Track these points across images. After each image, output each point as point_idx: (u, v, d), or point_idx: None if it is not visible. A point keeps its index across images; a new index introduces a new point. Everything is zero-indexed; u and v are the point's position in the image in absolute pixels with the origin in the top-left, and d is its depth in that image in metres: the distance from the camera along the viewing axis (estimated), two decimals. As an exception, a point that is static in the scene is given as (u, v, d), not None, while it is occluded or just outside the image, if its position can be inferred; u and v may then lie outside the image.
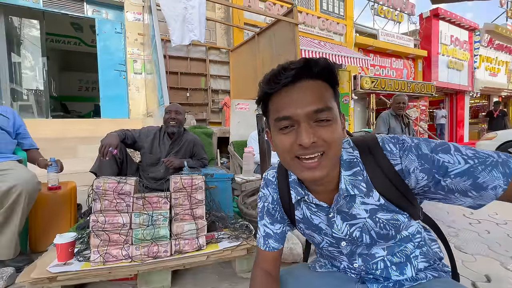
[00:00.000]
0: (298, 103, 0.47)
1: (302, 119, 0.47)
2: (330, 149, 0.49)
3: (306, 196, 0.59)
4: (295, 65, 0.47)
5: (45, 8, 4.68)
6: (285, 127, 0.50)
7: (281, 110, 0.49)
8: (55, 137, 3.82)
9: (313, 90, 0.48)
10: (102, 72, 5.07)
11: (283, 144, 0.50)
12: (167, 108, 1.96)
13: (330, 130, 0.48)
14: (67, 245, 1.11)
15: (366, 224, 0.56)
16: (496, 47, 12.29)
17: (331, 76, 0.49)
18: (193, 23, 3.09)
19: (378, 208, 0.54)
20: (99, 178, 1.15)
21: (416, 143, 0.50)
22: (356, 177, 0.54)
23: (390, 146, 0.53)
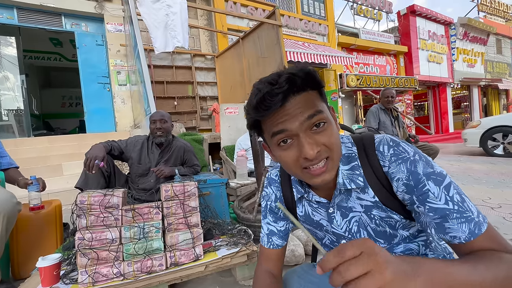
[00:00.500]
0: (290, 117, 0.48)
1: (299, 131, 0.48)
2: (333, 152, 0.49)
3: (306, 194, 0.60)
4: (280, 88, 0.46)
5: (21, 23, 4.53)
6: (283, 141, 0.50)
7: (275, 127, 0.49)
8: (38, 156, 3.66)
9: (301, 101, 0.48)
10: (85, 86, 4.93)
11: (287, 159, 0.50)
12: (152, 117, 1.88)
13: (328, 134, 0.49)
14: (51, 268, 1.02)
15: (362, 219, 0.57)
16: (471, 39, 12.82)
17: (314, 82, 0.50)
18: (175, 29, 3.04)
19: (373, 205, 0.55)
20: (83, 192, 1.07)
21: (415, 159, 0.49)
22: (353, 171, 0.55)
23: (384, 148, 0.53)
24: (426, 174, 0.48)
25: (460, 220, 0.45)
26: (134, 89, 4.76)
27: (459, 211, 0.45)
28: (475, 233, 0.44)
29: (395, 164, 0.51)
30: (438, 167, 0.49)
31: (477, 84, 13.27)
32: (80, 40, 4.92)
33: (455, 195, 0.46)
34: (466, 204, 0.45)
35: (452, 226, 0.45)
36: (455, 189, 0.47)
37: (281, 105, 0.47)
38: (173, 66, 5.68)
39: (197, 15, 6.05)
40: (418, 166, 0.48)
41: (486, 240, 0.44)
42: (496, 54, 14.90)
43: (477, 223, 0.44)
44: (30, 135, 5.00)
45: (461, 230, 0.44)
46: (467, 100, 13.90)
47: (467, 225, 0.44)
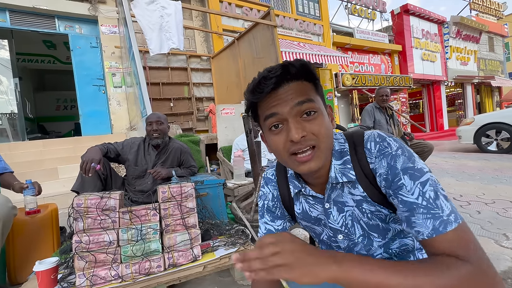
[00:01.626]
0: (282, 102, 0.50)
1: (288, 116, 0.50)
2: (320, 141, 0.51)
3: (303, 188, 0.62)
4: (274, 72, 0.50)
5: (14, 26, 4.48)
6: (274, 127, 0.52)
7: (267, 110, 0.52)
8: (33, 160, 3.63)
9: (294, 88, 0.51)
10: (80, 89, 4.89)
11: (276, 144, 0.53)
12: (148, 119, 1.87)
13: (317, 123, 0.51)
14: (48, 272, 1.02)
15: (354, 213, 0.58)
16: (464, 38, 12.98)
17: (308, 73, 0.52)
18: (170, 31, 3.04)
19: (363, 199, 0.56)
20: (79, 195, 1.07)
21: (396, 154, 0.50)
22: (345, 165, 0.56)
23: (371, 144, 0.54)
24: (404, 168, 0.48)
25: (426, 216, 0.45)
26: (129, 91, 4.73)
27: (427, 207, 0.45)
28: (439, 231, 0.43)
29: (378, 159, 0.52)
30: (421, 163, 0.49)
31: (470, 81, 13.44)
32: (74, 43, 4.89)
33: (429, 192, 0.46)
34: (438, 202, 0.45)
35: (417, 221, 0.45)
36: (432, 186, 0.46)
37: (274, 88, 0.50)
38: (168, 68, 5.67)
39: (192, 16, 6.05)
40: (398, 160, 0.49)
41: (450, 241, 0.43)
42: (488, 52, 15.11)
43: (444, 222, 0.44)
44: (24, 139, 4.94)
45: (425, 226, 0.45)
46: (461, 98, 14.06)
47: (432, 222, 0.44)
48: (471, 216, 2.00)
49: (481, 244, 1.37)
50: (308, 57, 6.64)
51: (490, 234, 1.67)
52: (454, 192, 2.67)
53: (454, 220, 0.44)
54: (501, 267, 1.32)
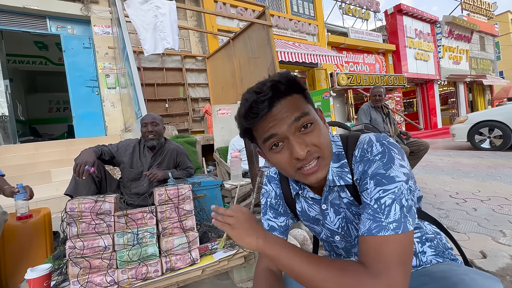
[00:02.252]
0: (278, 121, 0.50)
1: (288, 133, 0.50)
2: (323, 151, 0.52)
3: (301, 190, 0.63)
4: (264, 95, 0.49)
5: (3, 26, 4.38)
6: (275, 145, 0.52)
7: (265, 133, 0.52)
8: (25, 163, 3.55)
9: (287, 105, 0.51)
10: (73, 90, 4.81)
11: (280, 162, 0.53)
12: (143, 120, 1.84)
13: (316, 134, 0.51)
14: (41, 279, 0.98)
15: (347, 215, 0.59)
16: (456, 37, 13.17)
17: (296, 86, 0.52)
18: (165, 30, 3.00)
19: (351, 202, 0.57)
20: (73, 198, 1.04)
21: (374, 159, 0.51)
22: (343, 168, 0.56)
23: (358, 152, 0.55)
24: (373, 173, 0.49)
25: (369, 217, 0.47)
26: (124, 92, 4.67)
27: (375, 210, 0.47)
28: (371, 232, 0.46)
29: (357, 165, 0.54)
30: (398, 172, 0.48)
31: (462, 80, 13.64)
32: (66, 43, 4.80)
33: (386, 199, 0.47)
34: (387, 210, 0.46)
35: (362, 219, 0.49)
36: (394, 195, 0.46)
37: (268, 111, 0.50)
38: (163, 68, 5.61)
39: (186, 16, 6.00)
40: (372, 165, 0.50)
41: (376, 245, 0.45)
42: (480, 51, 15.37)
43: (380, 226, 0.45)
44: (16, 142, 4.83)
45: (364, 224, 0.48)
46: (453, 96, 14.26)
47: (370, 223, 0.47)
48: (467, 213, 2.02)
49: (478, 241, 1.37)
50: (303, 57, 6.65)
51: (487, 231, 1.69)
52: (450, 189, 2.69)
53: (393, 228, 0.45)
54: (499, 264, 1.32)
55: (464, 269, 0.53)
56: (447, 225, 1.83)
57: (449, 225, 1.84)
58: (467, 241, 1.58)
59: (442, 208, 2.19)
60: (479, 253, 1.44)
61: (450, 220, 1.92)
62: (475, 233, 1.68)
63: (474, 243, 1.54)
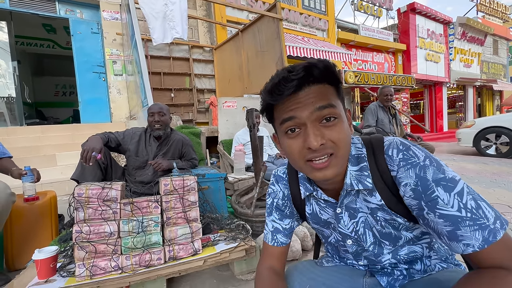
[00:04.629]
0: (301, 105, 0.48)
1: (307, 120, 0.48)
2: (338, 149, 0.49)
3: (315, 192, 0.60)
4: (296, 74, 0.46)
5: (12, 8, 4.37)
6: (291, 130, 0.50)
7: (285, 114, 0.49)
8: (31, 145, 3.59)
9: (315, 92, 0.48)
10: (80, 75, 4.81)
11: (291, 149, 0.51)
12: (150, 110, 1.84)
13: (337, 130, 0.48)
14: (47, 261, 1.01)
15: (368, 220, 0.57)
16: (468, 39, 12.89)
17: (332, 76, 0.49)
18: (174, 20, 2.97)
19: (379, 207, 0.54)
20: (80, 184, 1.05)
21: (425, 164, 0.48)
22: (362, 172, 0.54)
23: (393, 151, 0.52)
24: (436, 180, 0.46)
25: (474, 228, 0.43)
26: (130, 80, 4.66)
27: (472, 219, 0.43)
28: (489, 241, 0.42)
29: (404, 169, 0.50)
30: (451, 172, 0.47)
31: (472, 84, 13.41)
32: (75, 27, 4.78)
33: (469, 202, 0.44)
34: (481, 211, 0.44)
35: (465, 234, 0.44)
36: (470, 194, 0.45)
37: (294, 91, 0.47)
38: (170, 57, 5.58)
39: (196, 6, 5.92)
40: (428, 171, 0.47)
41: (500, 249, 0.43)
42: (492, 55, 15.03)
43: (492, 230, 0.43)
44: (22, 124, 4.88)
45: (475, 238, 0.43)
46: (462, 100, 14.05)
47: (481, 233, 0.43)
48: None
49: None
50: (311, 52, 6.56)
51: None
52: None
53: (500, 227, 0.43)
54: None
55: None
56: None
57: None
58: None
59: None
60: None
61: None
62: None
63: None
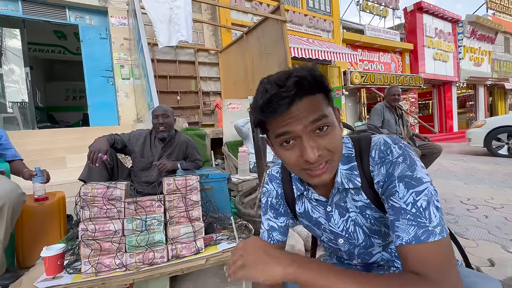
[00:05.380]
0: (295, 120, 0.48)
1: (302, 133, 0.48)
2: (334, 155, 0.50)
3: (306, 191, 0.62)
4: (287, 91, 0.46)
5: (25, 16, 4.53)
6: (286, 142, 0.50)
7: (279, 129, 0.49)
8: (42, 148, 3.69)
9: (307, 105, 0.48)
10: (89, 79, 4.94)
11: (288, 159, 0.51)
12: (154, 112, 1.88)
13: (331, 138, 0.49)
14: (55, 258, 1.04)
15: (357, 218, 0.58)
16: (478, 38, 12.61)
17: (321, 85, 0.49)
18: (179, 23, 3.02)
19: (366, 205, 0.56)
20: (86, 183, 1.09)
21: (397, 161, 0.49)
22: (352, 171, 0.55)
23: (376, 153, 0.53)
24: (400, 176, 0.48)
25: (411, 223, 0.44)
26: (137, 83, 4.76)
27: (414, 215, 0.44)
28: (420, 239, 0.43)
29: (377, 167, 0.52)
30: (422, 173, 0.47)
31: (483, 83, 13.09)
32: (84, 33, 4.92)
33: (422, 201, 0.45)
34: (427, 212, 0.44)
35: (401, 226, 0.45)
36: (426, 196, 0.45)
37: (287, 108, 0.47)
38: (176, 61, 5.67)
39: (201, 9, 6.01)
40: (397, 168, 0.48)
41: (425, 252, 0.43)
42: (503, 53, 14.65)
43: (428, 232, 0.43)
44: (34, 128, 5.04)
45: (407, 232, 0.44)
46: (472, 100, 13.72)
47: (416, 229, 0.44)
48: (478, 220, 1.97)
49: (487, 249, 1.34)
50: (316, 53, 6.55)
51: (497, 239, 1.64)
52: (461, 195, 2.62)
53: (439, 232, 0.43)
54: (507, 273, 1.29)
55: (465, 271, 0.53)
56: (455, 231, 1.80)
57: (457, 231, 1.80)
58: (475, 248, 1.55)
59: (451, 213, 2.14)
60: (486, 260, 1.41)
61: (459, 226, 1.88)
62: (484, 240, 1.65)
63: (482, 251, 1.51)
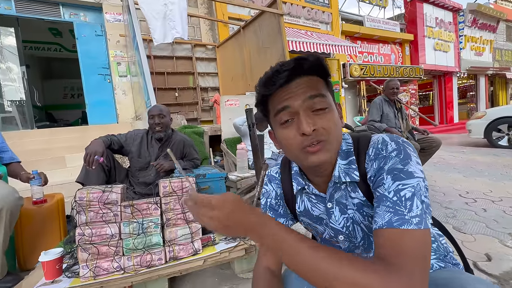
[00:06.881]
0: (294, 95, 0.51)
1: (300, 109, 0.50)
2: (330, 136, 0.52)
3: (307, 186, 0.62)
4: (287, 66, 0.50)
5: (19, 14, 4.47)
6: (285, 121, 0.52)
7: (279, 104, 0.52)
8: (41, 148, 3.70)
9: (306, 83, 0.52)
10: (86, 77, 4.91)
11: (286, 137, 0.53)
12: (150, 112, 1.86)
13: (327, 118, 0.51)
14: (53, 262, 1.05)
15: (355, 216, 0.58)
16: (480, 27, 12.41)
17: (321, 69, 0.53)
18: (174, 19, 2.98)
19: (363, 203, 0.56)
20: (82, 188, 1.09)
21: (389, 155, 0.50)
22: (350, 166, 0.56)
23: (372, 151, 0.54)
24: (390, 169, 0.48)
25: (389, 210, 0.45)
26: (134, 81, 4.73)
27: (395, 203, 0.45)
28: (392, 225, 0.43)
29: (371, 163, 0.53)
30: (414, 168, 0.47)
31: (484, 73, 12.95)
32: (79, 31, 4.86)
33: (406, 192, 0.45)
34: (409, 203, 0.44)
35: (379, 212, 0.46)
36: (413, 188, 0.45)
37: (286, 82, 0.51)
38: (173, 57, 5.61)
39: (197, 4, 5.91)
40: (388, 162, 0.49)
41: (396, 239, 0.41)
42: (505, 41, 14.45)
43: (403, 219, 0.43)
44: (33, 127, 5.03)
45: (383, 217, 0.45)
46: (473, 90, 13.60)
47: (391, 216, 0.44)
48: (476, 214, 1.97)
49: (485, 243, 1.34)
50: (315, 46, 6.47)
51: (495, 233, 1.65)
52: (460, 188, 2.62)
53: (415, 223, 0.42)
54: (503, 268, 1.30)
55: (467, 277, 0.52)
56: (453, 225, 1.81)
57: (455, 225, 1.81)
58: (472, 243, 1.56)
59: (450, 207, 2.15)
60: (484, 255, 1.42)
61: (457, 220, 1.89)
62: (482, 234, 1.65)
63: (480, 245, 1.52)
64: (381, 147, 0.52)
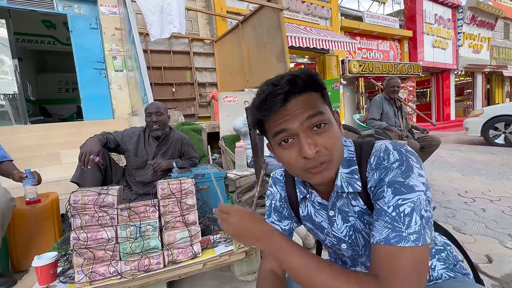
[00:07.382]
0: (291, 117, 0.49)
1: (299, 130, 0.49)
2: (333, 155, 0.50)
3: (309, 194, 0.62)
4: (281, 88, 0.48)
5: (10, 5, 4.33)
6: (284, 141, 0.51)
7: (276, 127, 0.50)
8: (36, 144, 3.61)
9: (302, 102, 0.49)
10: (81, 71, 4.79)
11: (287, 159, 0.52)
12: (147, 110, 1.81)
13: (328, 135, 0.49)
14: (47, 267, 1.02)
15: (356, 224, 0.58)
16: (478, 24, 12.40)
17: (315, 84, 0.51)
18: (171, 14, 2.89)
19: (364, 211, 0.56)
20: (76, 191, 1.04)
21: (391, 166, 0.48)
22: (352, 175, 0.55)
23: (374, 159, 0.53)
24: (391, 181, 0.47)
25: (387, 225, 0.45)
26: (130, 75, 4.63)
27: (393, 218, 0.45)
28: (389, 242, 0.43)
29: (372, 173, 0.52)
30: (416, 181, 0.46)
31: (481, 70, 12.99)
32: (73, 23, 4.72)
33: (405, 207, 0.44)
34: (408, 219, 0.43)
35: (378, 226, 0.46)
36: (413, 204, 0.44)
37: (282, 105, 0.48)
38: (170, 51, 5.50)
39: (194, -3, 5.79)
40: (389, 173, 0.48)
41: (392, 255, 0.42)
42: (503, 39, 14.48)
43: (400, 237, 0.43)
44: (26, 122, 4.92)
45: (380, 233, 0.45)
46: (470, 87, 13.66)
47: (388, 232, 0.44)
48: (475, 214, 1.97)
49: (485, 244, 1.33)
50: (314, 42, 6.40)
51: (494, 234, 1.65)
52: (459, 187, 2.63)
53: (413, 240, 0.42)
54: (504, 270, 1.30)
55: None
56: (453, 225, 1.80)
57: (455, 225, 1.81)
58: (473, 244, 1.55)
59: (449, 207, 2.14)
60: (484, 257, 1.42)
61: (457, 220, 1.88)
62: (482, 235, 1.65)
63: (480, 246, 1.51)
64: (383, 156, 0.50)
